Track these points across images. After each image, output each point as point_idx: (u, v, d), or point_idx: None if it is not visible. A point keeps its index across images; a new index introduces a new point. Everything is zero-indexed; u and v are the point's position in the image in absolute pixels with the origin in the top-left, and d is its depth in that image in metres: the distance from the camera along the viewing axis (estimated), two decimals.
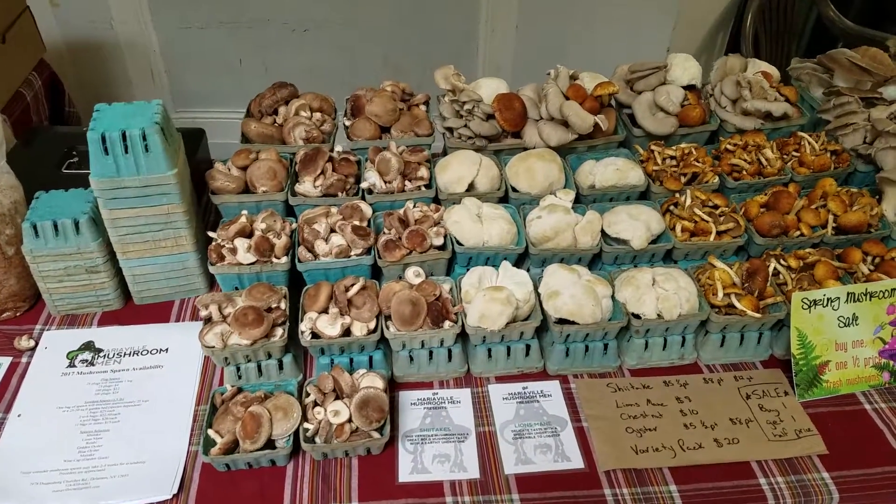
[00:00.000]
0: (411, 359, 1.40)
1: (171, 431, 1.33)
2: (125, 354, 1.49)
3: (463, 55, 3.54)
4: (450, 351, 1.40)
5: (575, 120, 1.65)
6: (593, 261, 1.57)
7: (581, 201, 1.65)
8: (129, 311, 1.59)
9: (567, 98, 1.70)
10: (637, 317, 1.39)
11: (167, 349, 1.49)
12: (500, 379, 1.44)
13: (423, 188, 1.61)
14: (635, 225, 1.49)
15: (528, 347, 1.42)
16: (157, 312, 1.58)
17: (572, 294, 1.37)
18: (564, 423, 1.35)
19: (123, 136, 1.35)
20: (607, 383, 1.43)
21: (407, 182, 1.60)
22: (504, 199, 1.65)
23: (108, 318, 1.57)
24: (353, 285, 1.36)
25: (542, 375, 1.45)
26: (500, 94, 1.72)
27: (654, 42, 3.20)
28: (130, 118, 1.39)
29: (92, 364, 1.47)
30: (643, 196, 1.67)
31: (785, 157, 1.70)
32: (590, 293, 1.37)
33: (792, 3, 3.41)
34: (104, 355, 1.49)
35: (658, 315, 1.38)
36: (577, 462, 1.28)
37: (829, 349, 1.39)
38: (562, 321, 1.38)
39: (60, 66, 3.39)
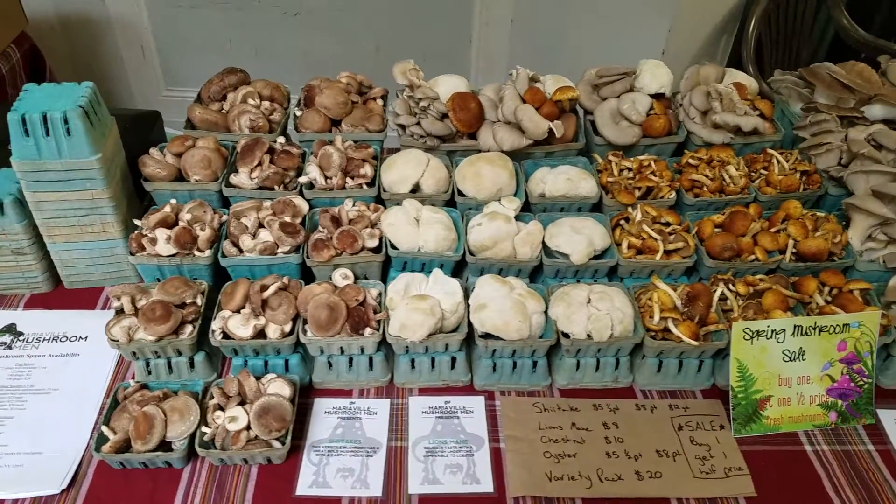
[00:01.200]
0: (330, 365, 1.34)
1: (73, 424, 1.29)
2: (44, 340, 1.45)
3: (456, 46, 3.46)
4: (371, 359, 1.34)
5: (528, 124, 1.57)
6: (537, 273, 1.50)
7: (532, 210, 1.58)
8: (58, 295, 1.55)
9: (524, 101, 1.63)
10: (567, 336, 1.32)
11: (86, 337, 1.45)
12: (424, 391, 1.38)
13: (364, 186, 1.55)
14: (576, 239, 1.42)
15: (453, 360, 1.36)
16: (87, 298, 1.55)
17: (499, 308, 1.30)
18: (481, 443, 1.28)
19: (45, 118, 1.30)
20: (534, 402, 1.36)
21: (349, 179, 1.54)
22: (451, 203, 1.58)
23: (35, 301, 1.54)
24: (270, 285, 1.30)
25: (469, 390, 1.39)
26: (456, 94, 1.65)
27: (650, 43, 3.09)
28: (55, 100, 1.35)
29: (10, 348, 1.43)
30: (596, 208, 1.59)
31: (753, 174, 1.61)
32: (518, 308, 1.30)
33: (803, 8, 3.29)
34: (24, 339, 1.45)
35: (588, 335, 1.31)
36: (486, 485, 1.21)
37: (771, 383, 1.31)
38: (488, 335, 1.31)
39: (52, 41, 3.38)
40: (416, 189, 1.56)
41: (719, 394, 1.38)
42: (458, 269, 1.50)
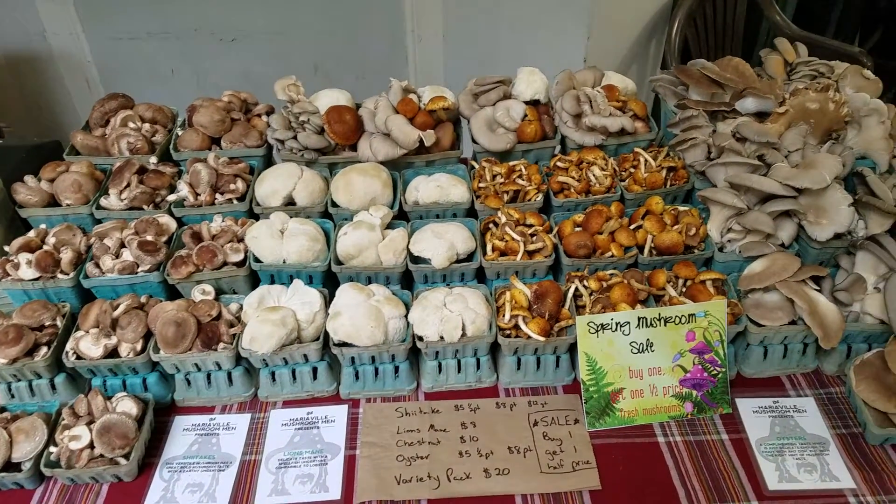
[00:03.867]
0: (189, 382, 1.36)
1: None
2: None
3: (394, 63, 3.50)
4: (230, 374, 1.35)
5: (398, 134, 1.60)
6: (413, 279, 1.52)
7: (409, 217, 1.60)
8: None
9: (397, 112, 1.65)
10: (421, 338, 1.34)
11: None
12: (289, 403, 1.39)
13: (234, 201, 1.57)
14: (438, 243, 1.44)
15: (315, 370, 1.37)
16: None
17: (352, 315, 1.31)
18: (337, 451, 1.29)
19: None
20: (397, 407, 1.37)
21: (218, 195, 1.57)
22: (327, 215, 1.60)
23: None
24: (120, 304, 1.32)
25: (335, 399, 1.40)
26: (332, 107, 1.67)
27: (572, 52, 3.13)
28: None
29: None
30: (471, 213, 1.61)
31: (623, 173, 1.64)
32: (373, 314, 1.32)
33: (733, 7, 3.33)
34: None
35: (441, 337, 1.32)
36: (334, 493, 1.22)
37: (622, 376, 1.32)
38: (344, 343, 1.33)
39: (0, 77, 3.43)
40: (291, 202, 1.59)
41: (579, 389, 1.39)
42: (407, 279, 1.51)
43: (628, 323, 1.31)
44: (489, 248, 1.48)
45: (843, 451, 1.26)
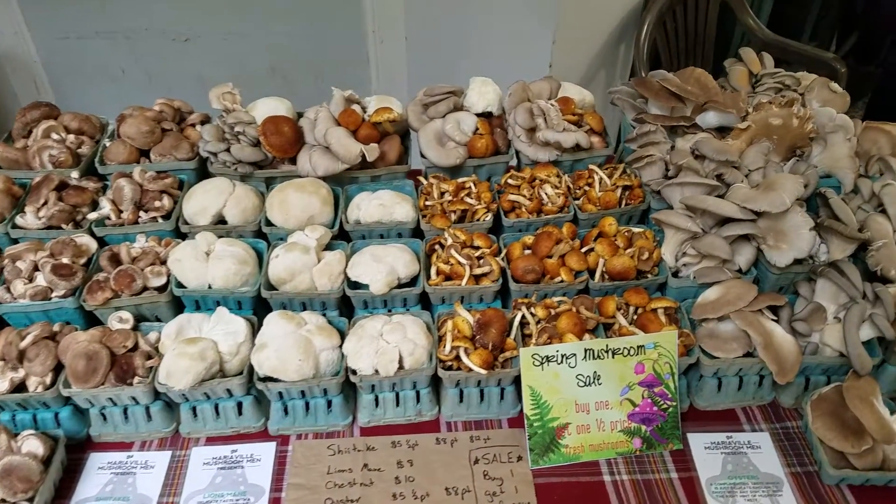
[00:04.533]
0: (104, 417, 1.26)
1: None
2: None
3: (355, 65, 3.40)
4: (148, 409, 1.26)
5: (338, 148, 1.51)
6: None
7: (351, 237, 1.51)
8: None
9: (338, 124, 1.56)
10: (355, 372, 1.25)
11: None
12: (213, 440, 1.29)
13: (160, 219, 1.47)
14: (376, 268, 1.35)
15: (240, 405, 1.28)
16: None
17: (278, 348, 1.22)
18: (261, 494, 1.20)
19: None
20: (329, 444, 1.28)
21: (143, 213, 1.46)
22: (262, 234, 1.50)
23: None
24: (29, 334, 1.22)
25: (263, 435, 1.31)
26: (269, 118, 1.57)
27: (538, 57, 3.05)
28: None
29: None
30: (418, 233, 1.52)
31: (578, 191, 1.56)
32: (301, 346, 1.23)
33: (705, 12, 3.28)
34: None
35: (375, 370, 1.24)
36: None
37: (568, 410, 1.25)
38: (269, 378, 1.24)
39: None
40: (222, 220, 1.49)
41: (524, 422, 1.31)
42: (347, 305, 1.41)
43: (574, 355, 1.23)
44: (433, 271, 1.40)
45: (797, 492, 1.20)
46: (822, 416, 1.22)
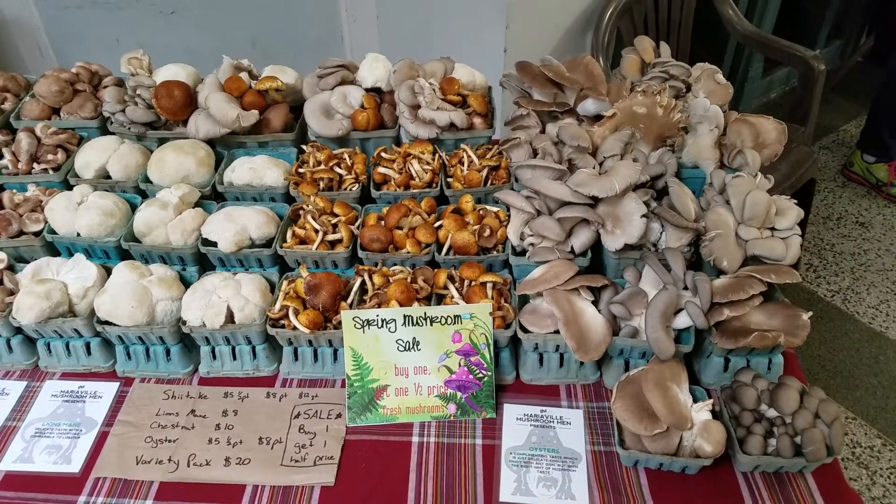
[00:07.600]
0: None
1: None
2: None
3: (329, 42, 3.47)
4: (9, 342, 1.37)
5: (215, 112, 1.58)
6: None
7: (225, 198, 1.59)
8: None
9: (223, 89, 1.64)
10: (185, 322, 1.33)
11: None
12: (67, 375, 1.40)
13: (51, 171, 1.57)
14: (227, 227, 1.43)
15: (88, 346, 1.38)
16: None
17: (114, 294, 1.31)
18: (93, 426, 1.30)
19: None
20: (165, 390, 1.37)
21: (36, 164, 1.57)
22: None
23: None
24: None
25: (112, 376, 1.40)
26: (163, 82, 1.66)
27: (493, 40, 3.06)
28: None
29: None
30: (291, 199, 1.59)
31: (451, 169, 1.61)
32: (137, 294, 1.32)
33: (680, 1, 3.24)
34: None
35: (203, 323, 1.32)
36: (75, 466, 1.23)
37: (387, 373, 1.31)
38: (107, 322, 1.33)
39: None
40: (107, 175, 1.59)
41: None
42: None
43: (394, 320, 1.29)
44: (289, 234, 1.47)
45: (592, 470, 1.23)
46: (625, 397, 1.24)
